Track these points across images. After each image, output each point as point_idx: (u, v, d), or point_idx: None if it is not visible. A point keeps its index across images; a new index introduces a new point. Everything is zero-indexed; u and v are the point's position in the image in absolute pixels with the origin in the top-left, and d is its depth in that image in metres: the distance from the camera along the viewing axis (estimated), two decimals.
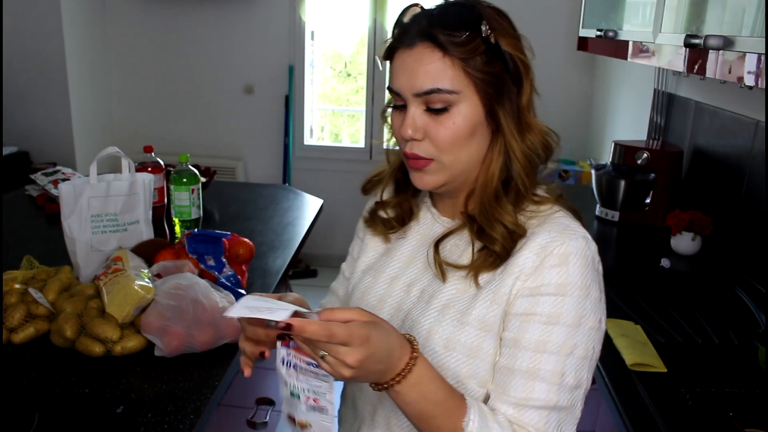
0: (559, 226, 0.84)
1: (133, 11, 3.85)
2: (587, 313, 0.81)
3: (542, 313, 0.80)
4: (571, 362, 0.80)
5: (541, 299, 0.80)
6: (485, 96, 0.83)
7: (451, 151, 0.85)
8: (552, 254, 0.81)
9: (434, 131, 0.83)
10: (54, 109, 3.61)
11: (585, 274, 0.81)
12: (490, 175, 0.86)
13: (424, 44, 0.81)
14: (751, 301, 1.59)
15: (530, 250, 0.82)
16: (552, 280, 0.80)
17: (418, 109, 0.83)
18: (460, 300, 0.86)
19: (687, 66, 1.45)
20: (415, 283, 0.93)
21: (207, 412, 1.10)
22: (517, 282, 0.82)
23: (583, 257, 0.81)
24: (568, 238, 0.82)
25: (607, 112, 3.37)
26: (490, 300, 0.84)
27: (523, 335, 0.81)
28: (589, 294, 0.81)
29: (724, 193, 1.92)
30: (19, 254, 1.48)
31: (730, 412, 1.12)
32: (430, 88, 0.81)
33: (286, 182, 3.93)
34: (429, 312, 0.88)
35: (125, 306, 1.24)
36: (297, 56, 3.82)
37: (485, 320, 0.83)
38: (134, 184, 1.56)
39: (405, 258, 0.97)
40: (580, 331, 0.80)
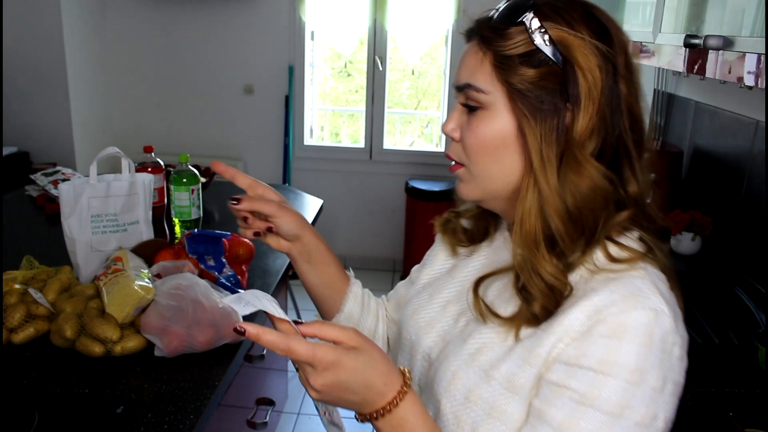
0: (627, 288, 0.67)
1: (133, 11, 3.86)
2: (636, 405, 0.64)
3: (576, 389, 0.66)
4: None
5: (578, 372, 0.66)
6: (515, 107, 0.70)
7: (478, 161, 0.74)
8: (604, 321, 0.65)
9: (465, 133, 0.75)
10: (54, 109, 3.61)
11: (643, 355, 0.64)
12: (527, 211, 0.70)
13: (474, 39, 0.75)
14: (751, 301, 1.59)
15: (581, 310, 0.67)
16: (596, 353, 0.65)
17: (460, 106, 0.76)
18: (494, 348, 0.74)
19: (687, 66, 1.45)
20: (463, 313, 0.82)
21: (207, 412, 1.10)
22: (559, 344, 0.68)
23: (645, 334, 0.64)
24: (632, 306, 0.65)
25: None
26: (523, 359, 0.70)
27: (549, 409, 0.67)
28: (643, 381, 0.64)
29: (724, 193, 1.92)
30: (19, 254, 1.48)
31: (730, 412, 1.12)
32: (464, 82, 0.74)
33: (286, 182, 3.93)
34: (461, 353, 0.76)
35: (125, 306, 1.24)
36: (297, 56, 3.82)
37: (513, 380, 0.70)
38: (134, 185, 1.56)
39: (465, 282, 0.85)
40: (620, 424, 0.64)
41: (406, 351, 0.87)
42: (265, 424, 1.54)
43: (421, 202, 3.56)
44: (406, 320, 0.89)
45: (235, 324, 0.63)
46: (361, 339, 0.66)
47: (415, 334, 0.86)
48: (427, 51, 3.94)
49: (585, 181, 0.68)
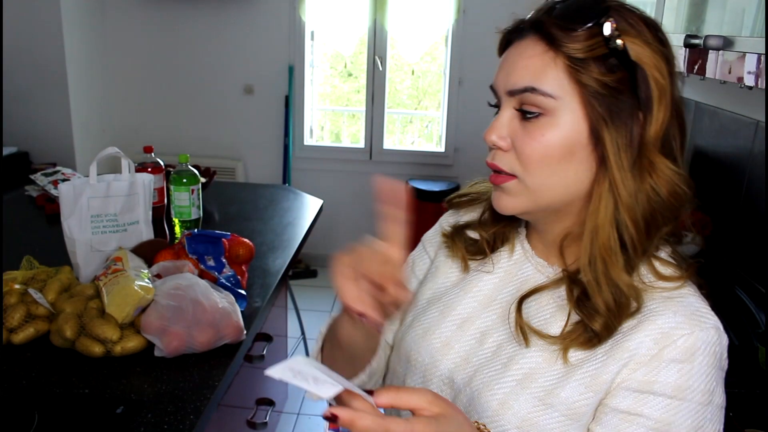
0: (688, 309, 0.68)
1: (133, 11, 3.86)
2: (706, 424, 0.66)
3: (651, 417, 0.65)
4: None
5: (651, 399, 0.65)
6: (593, 112, 0.66)
7: (538, 172, 0.68)
8: (675, 345, 0.65)
9: (521, 142, 0.68)
10: (54, 109, 3.61)
11: (711, 375, 0.66)
12: (602, 219, 0.68)
13: (532, 36, 0.68)
14: (751, 301, 1.59)
15: (647, 334, 0.66)
16: (670, 379, 0.65)
17: (510, 112, 0.70)
18: (545, 373, 0.70)
19: (687, 66, 1.45)
20: (490, 332, 0.77)
21: (207, 413, 1.10)
22: (624, 370, 0.66)
23: (712, 355, 0.66)
24: (697, 327, 0.66)
25: None
26: (586, 385, 0.68)
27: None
28: (711, 400, 0.66)
29: (724, 193, 1.92)
30: (19, 254, 1.48)
31: (730, 412, 1.12)
32: (525, 86, 0.67)
33: (286, 182, 3.93)
34: (506, 379, 0.72)
35: (125, 306, 1.24)
36: (297, 56, 3.82)
37: (575, 407, 0.68)
38: (134, 185, 1.56)
39: (483, 297, 0.80)
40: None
41: (418, 374, 0.80)
42: (265, 424, 1.54)
43: (421, 202, 3.56)
44: (416, 341, 0.81)
45: (325, 413, 0.56)
46: (443, 403, 0.60)
47: (429, 356, 0.79)
48: (427, 51, 3.94)
49: (663, 184, 0.67)
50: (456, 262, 0.84)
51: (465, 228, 0.85)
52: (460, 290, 0.82)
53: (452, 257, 0.85)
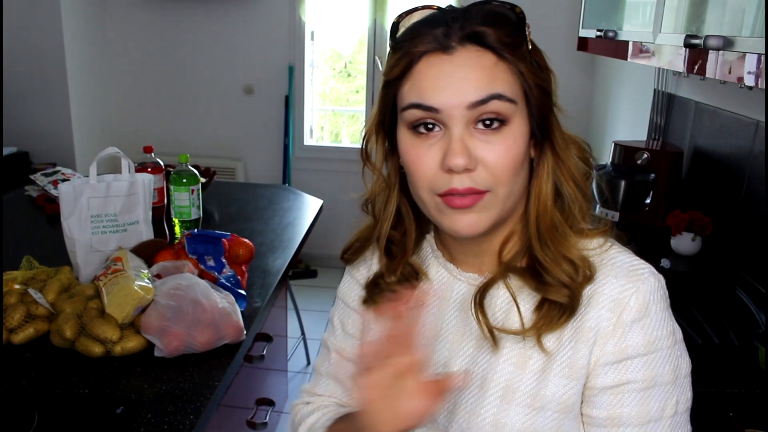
0: (623, 267, 0.70)
1: (133, 11, 3.85)
2: (680, 361, 0.70)
3: (636, 379, 0.68)
4: (677, 421, 0.70)
5: (630, 364, 0.68)
6: (536, 109, 0.69)
7: (509, 181, 0.68)
8: (629, 307, 0.68)
9: (489, 156, 0.66)
10: (54, 109, 3.61)
11: (666, 317, 0.70)
12: (544, 201, 0.71)
13: (470, 47, 0.66)
14: (751, 302, 1.59)
15: (601, 307, 0.69)
16: (638, 340, 0.68)
17: (462, 130, 0.66)
18: (522, 379, 0.71)
19: (687, 66, 1.45)
20: (452, 362, 0.75)
21: (207, 413, 1.10)
22: (595, 349, 0.69)
23: (660, 300, 0.70)
24: (639, 281, 0.69)
25: (607, 112, 3.37)
26: (566, 376, 0.69)
27: (621, 410, 0.69)
28: (675, 339, 0.71)
29: (724, 193, 1.92)
30: (19, 254, 1.48)
31: (730, 412, 1.12)
32: (490, 93, 0.65)
33: (286, 182, 3.93)
34: (488, 399, 0.71)
35: (125, 306, 1.24)
36: (297, 56, 3.82)
37: (563, 401, 0.70)
38: (134, 185, 1.56)
39: (429, 332, 0.77)
40: (677, 383, 0.70)
41: None
42: (265, 424, 1.54)
43: None
44: None
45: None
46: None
47: None
48: None
49: (578, 152, 0.73)
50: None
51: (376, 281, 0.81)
52: None
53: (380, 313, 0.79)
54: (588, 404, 0.70)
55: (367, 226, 0.84)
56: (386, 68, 0.70)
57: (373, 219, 0.82)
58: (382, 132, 0.75)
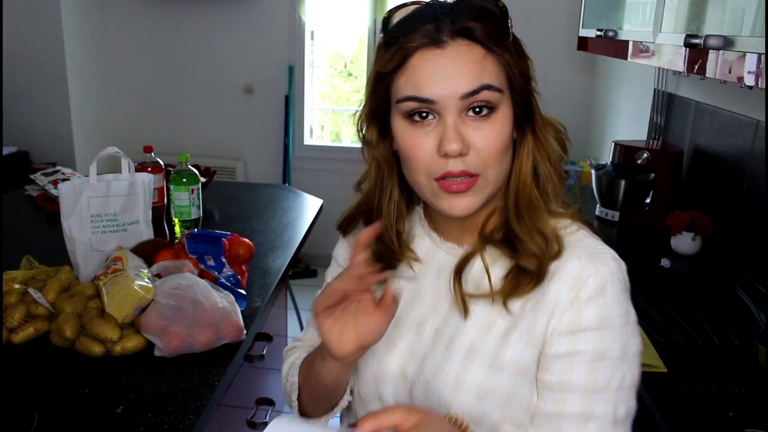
0: (587, 250, 0.77)
1: (133, 11, 3.86)
2: (630, 340, 0.76)
3: (586, 350, 0.74)
4: (622, 395, 0.75)
5: (582, 336, 0.75)
6: (520, 94, 0.75)
7: (498, 164, 0.75)
8: (587, 285, 0.75)
9: (480, 141, 0.72)
10: (54, 109, 3.61)
11: (623, 299, 0.76)
12: (523, 179, 0.78)
13: (460, 41, 0.71)
14: (751, 301, 1.59)
15: (561, 282, 0.75)
16: (591, 315, 0.74)
17: (455, 118, 0.72)
18: (486, 341, 0.78)
19: (687, 66, 1.45)
20: (425, 322, 0.83)
21: (207, 412, 1.10)
22: (553, 319, 0.75)
23: (618, 282, 0.76)
24: (600, 264, 0.76)
25: (607, 112, 3.37)
26: (524, 341, 0.76)
27: (570, 377, 0.75)
28: (628, 320, 0.76)
29: (724, 193, 1.92)
30: (19, 254, 1.48)
31: (730, 412, 1.12)
32: (480, 84, 0.71)
33: (286, 182, 3.93)
34: (453, 358, 0.79)
35: (125, 306, 1.24)
36: (297, 56, 3.82)
37: (520, 363, 0.76)
38: (134, 184, 1.56)
39: (408, 293, 0.85)
40: (626, 360, 0.75)
41: (370, 377, 0.85)
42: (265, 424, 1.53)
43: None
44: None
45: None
46: (416, 412, 0.66)
47: (377, 361, 0.84)
48: None
49: (554, 133, 0.80)
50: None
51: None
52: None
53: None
54: (542, 369, 0.77)
55: (361, 201, 0.90)
56: (380, 62, 0.75)
57: (365, 196, 0.88)
58: (374, 120, 0.80)
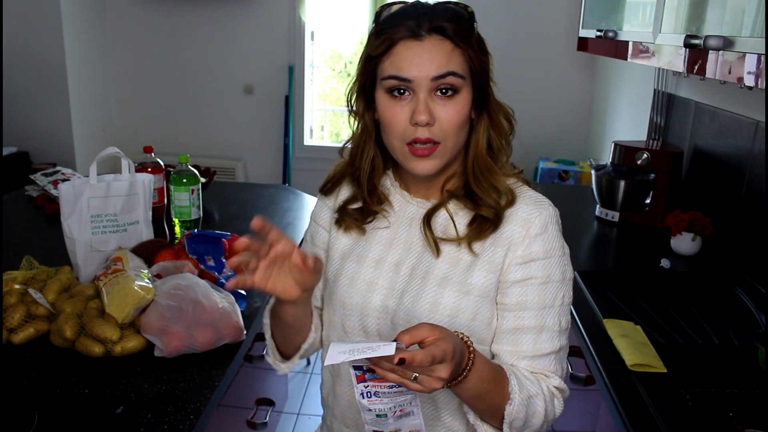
0: (531, 198, 0.97)
1: (133, 11, 3.86)
2: (566, 268, 0.97)
3: (537, 276, 0.94)
4: (563, 310, 0.96)
5: (533, 265, 0.94)
6: (479, 82, 0.94)
7: (455, 135, 0.93)
8: (534, 224, 0.94)
9: (443, 115, 0.91)
10: (54, 109, 3.61)
11: (559, 236, 0.97)
12: (480, 150, 0.97)
13: (435, 36, 0.90)
14: (751, 302, 1.59)
15: (514, 224, 0.95)
16: (539, 248, 0.94)
17: (428, 96, 0.91)
18: (455, 272, 0.96)
19: (687, 66, 1.45)
20: (402, 263, 1.00)
21: (207, 413, 1.10)
22: (509, 253, 0.95)
23: (556, 222, 0.97)
24: (542, 208, 0.96)
25: (607, 112, 3.37)
26: (486, 270, 0.95)
27: (526, 298, 0.94)
28: (564, 252, 0.97)
29: (724, 193, 1.92)
30: (19, 254, 1.48)
31: (730, 412, 1.12)
32: (447, 71, 0.89)
33: (286, 182, 3.93)
34: (428, 287, 0.96)
35: (125, 306, 1.24)
36: (297, 56, 3.82)
37: (483, 288, 0.95)
38: (134, 185, 1.56)
39: (385, 241, 1.02)
40: (565, 283, 0.96)
41: (355, 313, 1.00)
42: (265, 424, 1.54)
43: None
44: (346, 290, 1.01)
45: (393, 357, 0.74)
46: (437, 329, 0.78)
47: (361, 297, 0.99)
48: None
49: (504, 113, 0.98)
50: (352, 231, 1.04)
51: (346, 205, 1.06)
52: (365, 241, 1.03)
53: (347, 230, 1.05)
54: (502, 294, 0.95)
55: (342, 164, 1.08)
56: (370, 47, 0.94)
57: (349, 159, 1.06)
58: (362, 94, 0.99)
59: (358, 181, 1.04)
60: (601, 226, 2.18)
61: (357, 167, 1.04)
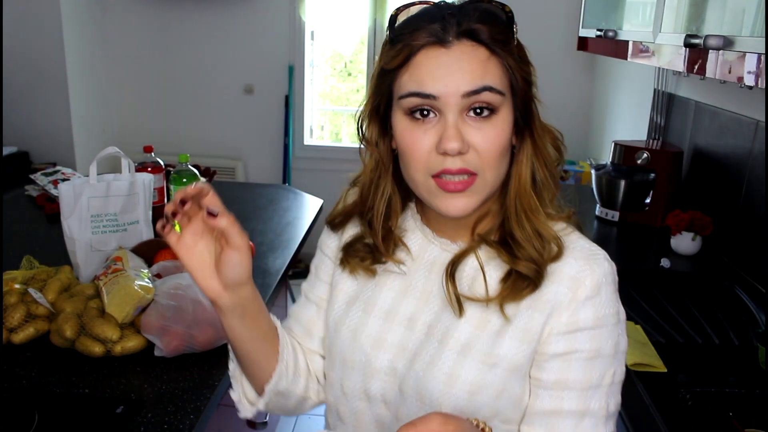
0: (582, 251, 0.79)
1: (132, 11, 3.85)
2: (620, 338, 0.79)
3: (583, 349, 0.76)
4: (613, 390, 0.79)
5: (579, 335, 0.76)
6: (521, 99, 0.75)
7: (496, 165, 0.74)
8: (584, 285, 0.76)
9: (480, 140, 0.72)
10: (54, 109, 3.61)
11: (615, 299, 0.78)
12: (523, 185, 0.77)
13: (465, 42, 0.72)
14: (751, 301, 1.59)
15: (559, 283, 0.76)
16: (588, 314, 0.76)
17: (456, 116, 0.72)
18: (480, 338, 0.78)
19: (687, 66, 1.45)
20: (416, 317, 0.82)
21: (207, 412, 1.10)
22: (551, 319, 0.76)
23: (611, 283, 0.78)
24: (595, 264, 0.77)
25: (607, 112, 3.37)
26: (519, 339, 0.77)
27: (568, 375, 0.76)
28: (619, 318, 0.79)
29: (724, 193, 1.92)
30: (19, 254, 1.48)
31: (730, 412, 1.12)
32: (483, 85, 0.71)
33: (286, 182, 3.93)
34: (446, 353, 0.78)
35: (125, 306, 1.24)
36: (297, 56, 3.82)
37: (514, 361, 0.77)
38: (134, 184, 1.56)
39: (398, 287, 0.84)
40: (617, 357, 0.78)
41: (357, 372, 0.84)
42: (265, 423, 1.54)
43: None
44: (347, 343, 0.85)
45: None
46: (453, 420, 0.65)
47: (364, 354, 0.83)
48: None
49: (551, 139, 0.80)
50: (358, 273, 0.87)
51: (355, 242, 0.88)
52: (375, 285, 0.86)
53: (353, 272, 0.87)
54: (538, 368, 0.78)
55: (354, 202, 0.89)
56: (385, 59, 0.75)
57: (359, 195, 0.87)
58: (376, 118, 0.80)
59: (370, 225, 0.85)
60: (601, 226, 2.18)
61: (369, 207, 0.84)
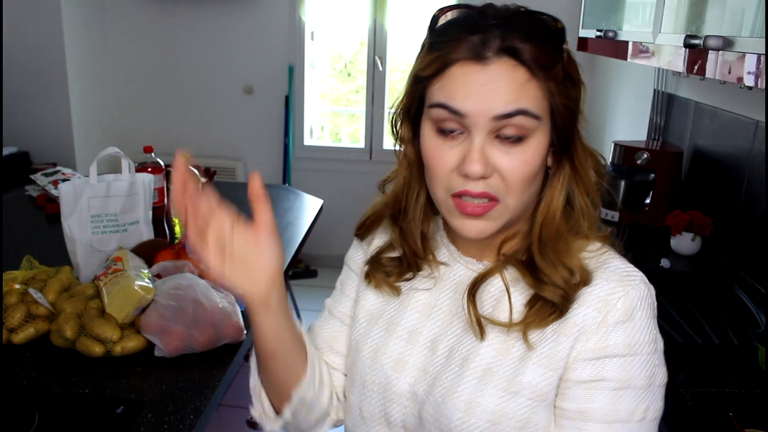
0: (616, 272, 0.73)
1: (133, 11, 3.85)
2: (656, 370, 0.72)
3: (611, 378, 0.70)
4: (644, 427, 0.71)
5: (607, 362, 0.70)
6: (560, 124, 0.70)
7: (521, 192, 0.70)
8: (615, 308, 0.70)
9: (506, 165, 0.68)
10: (54, 109, 3.61)
11: (651, 325, 0.71)
12: (552, 213, 0.73)
13: (505, 60, 0.66)
14: (751, 301, 1.59)
15: (589, 305, 0.71)
16: (619, 340, 0.70)
17: (487, 138, 0.68)
18: (503, 364, 0.73)
19: (687, 66, 1.45)
20: (440, 339, 0.78)
21: (207, 412, 1.10)
22: (577, 344, 0.71)
23: (648, 307, 0.71)
24: (629, 286, 0.71)
25: (607, 112, 3.37)
26: (544, 366, 0.71)
27: (591, 405, 0.70)
28: (656, 348, 0.72)
29: (724, 193, 1.92)
30: (19, 254, 1.48)
31: (730, 412, 1.12)
32: (517, 108, 0.66)
33: (286, 182, 3.93)
34: (466, 378, 0.74)
35: (125, 306, 1.24)
36: (297, 56, 3.82)
37: (538, 389, 0.72)
38: (134, 185, 1.56)
39: (423, 307, 0.81)
40: (650, 390, 0.71)
41: (377, 395, 0.81)
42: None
43: None
44: (368, 364, 0.81)
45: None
46: None
47: (385, 377, 0.80)
48: None
49: (593, 164, 0.74)
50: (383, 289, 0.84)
51: (380, 254, 0.85)
52: (399, 305, 0.82)
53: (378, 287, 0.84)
54: (561, 396, 0.72)
55: (382, 203, 0.85)
56: (420, 64, 0.71)
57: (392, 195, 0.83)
58: (408, 118, 0.76)
59: (402, 230, 0.81)
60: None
61: (404, 209, 0.80)
